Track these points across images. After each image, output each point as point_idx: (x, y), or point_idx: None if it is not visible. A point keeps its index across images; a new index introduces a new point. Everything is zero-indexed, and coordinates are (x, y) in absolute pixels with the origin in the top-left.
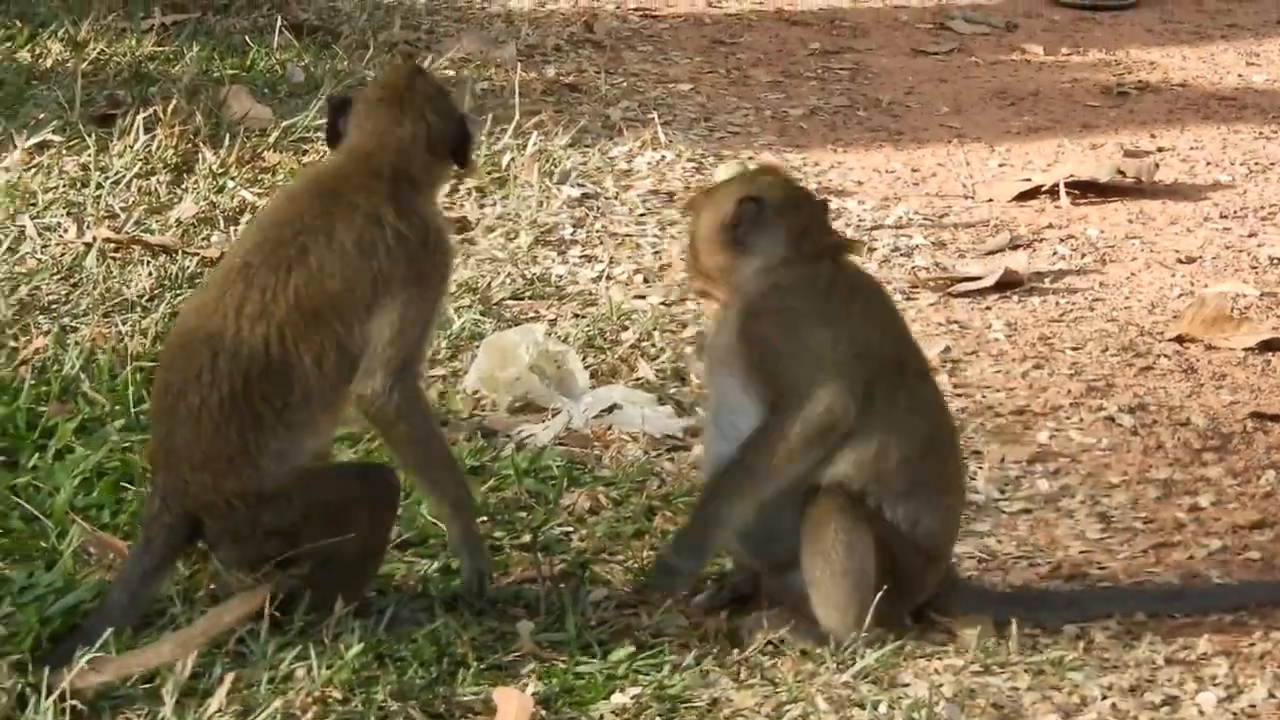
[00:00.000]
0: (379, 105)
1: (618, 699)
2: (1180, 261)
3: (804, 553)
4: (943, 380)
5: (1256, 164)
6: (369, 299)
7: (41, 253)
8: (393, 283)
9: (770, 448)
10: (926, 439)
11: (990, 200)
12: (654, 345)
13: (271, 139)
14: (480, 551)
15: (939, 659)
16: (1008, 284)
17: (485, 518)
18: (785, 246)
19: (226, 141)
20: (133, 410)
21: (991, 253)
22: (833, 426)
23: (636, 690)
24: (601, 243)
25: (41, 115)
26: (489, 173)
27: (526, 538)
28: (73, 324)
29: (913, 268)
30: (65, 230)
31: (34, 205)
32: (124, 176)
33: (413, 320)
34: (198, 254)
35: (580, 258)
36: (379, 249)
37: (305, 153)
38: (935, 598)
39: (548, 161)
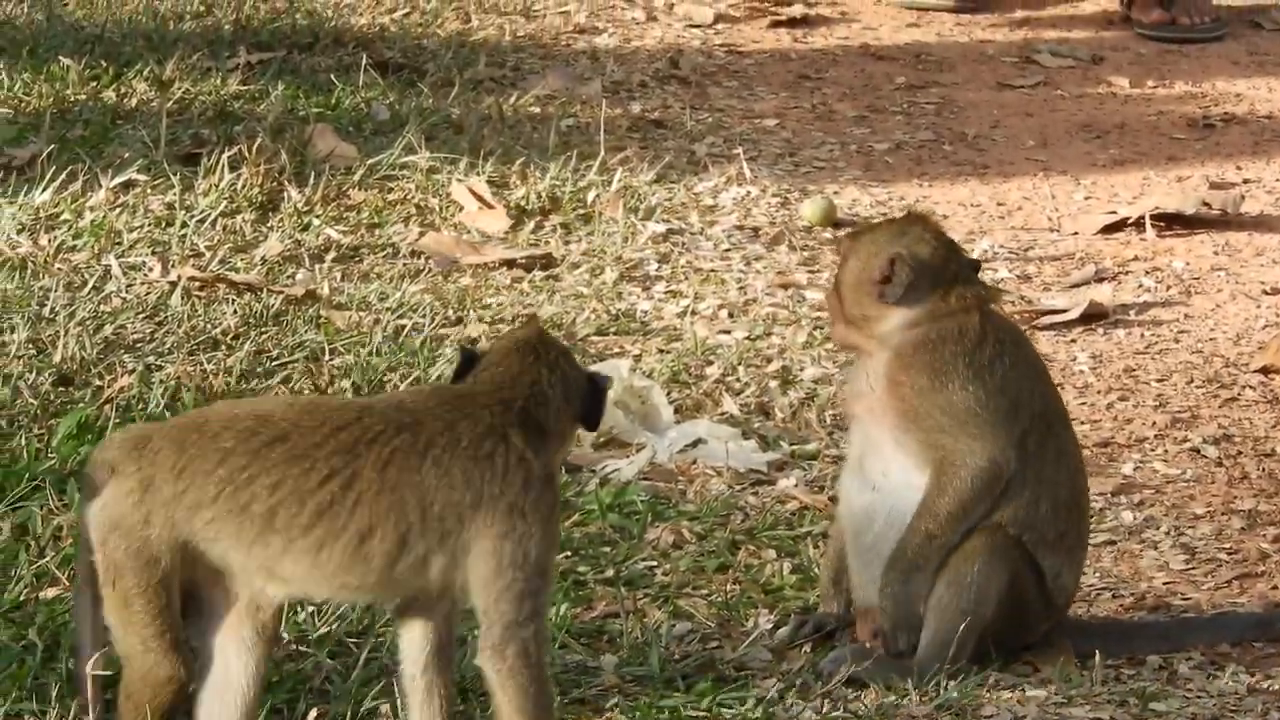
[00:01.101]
0: (512, 352)
1: None
2: (1266, 293)
3: (939, 579)
4: None
5: None
6: (468, 509)
7: (126, 292)
8: (498, 504)
9: (945, 515)
10: (1072, 490)
11: (1075, 233)
12: (738, 380)
13: (356, 177)
14: None
15: (1021, 690)
16: (1093, 316)
17: (569, 553)
18: (935, 300)
19: (311, 180)
20: None
21: (1076, 285)
22: (998, 479)
23: None
24: (686, 278)
25: (126, 154)
26: (574, 209)
27: (610, 572)
28: (157, 362)
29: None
30: (150, 269)
31: (119, 244)
32: (209, 215)
33: (518, 562)
34: (282, 292)
35: (665, 293)
36: (496, 463)
37: (390, 190)
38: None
39: (633, 197)
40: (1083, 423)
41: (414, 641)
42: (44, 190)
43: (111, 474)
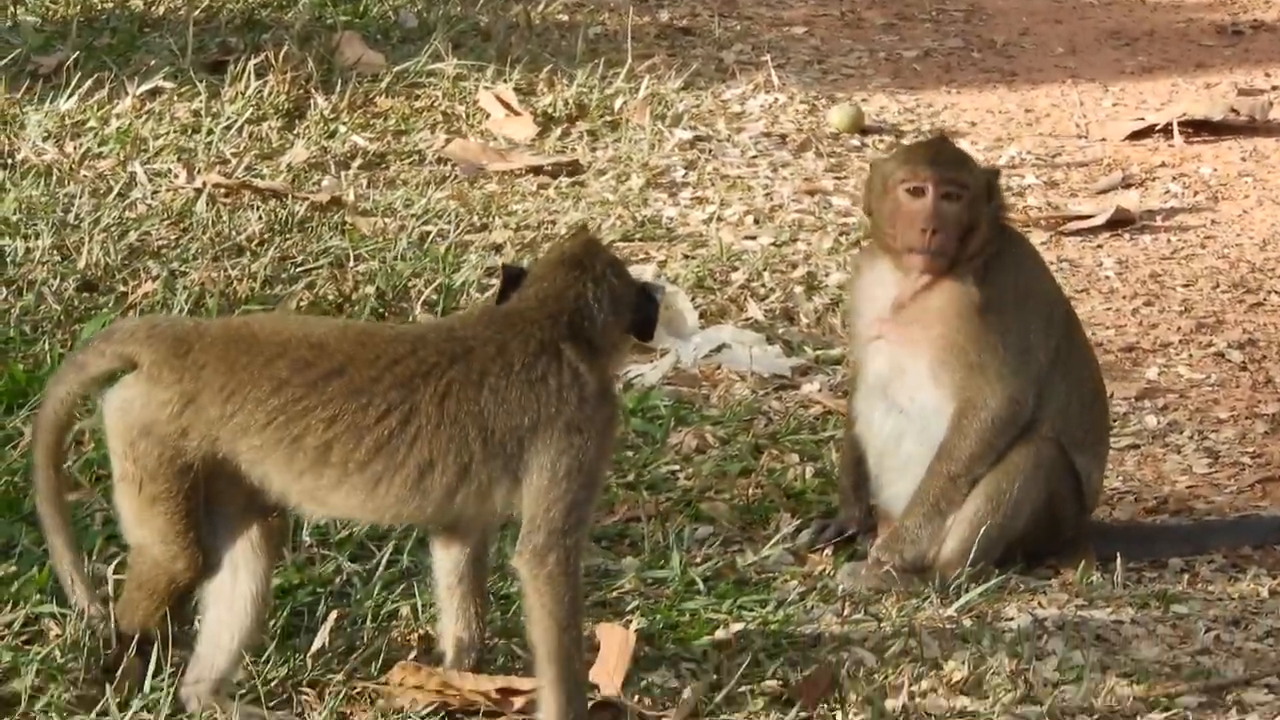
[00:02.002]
0: (558, 266)
1: (721, 635)
2: None
3: (976, 492)
4: None
5: None
6: (527, 432)
7: (151, 198)
8: (555, 423)
9: (967, 457)
10: (1094, 387)
11: (1103, 140)
12: (763, 286)
13: (383, 84)
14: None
15: (1043, 594)
16: (1119, 222)
17: None
18: (992, 217)
19: (338, 87)
20: None
21: (1103, 191)
22: (1017, 420)
23: (740, 626)
24: (712, 184)
25: (153, 62)
26: (601, 116)
27: (633, 476)
28: (182, 269)
29: (1025, 207)
30: (176, 176)
31: (144, 151)
32: (235, 122)
33: (573, 473)
34: (307, 199)
35: (691, 200)
36: (550, 382)
37: (417, 97)
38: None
39: (660, 104)
40: (1108, 328)
41: (451, 553)
42: (70, 98)
43: (135, 370)
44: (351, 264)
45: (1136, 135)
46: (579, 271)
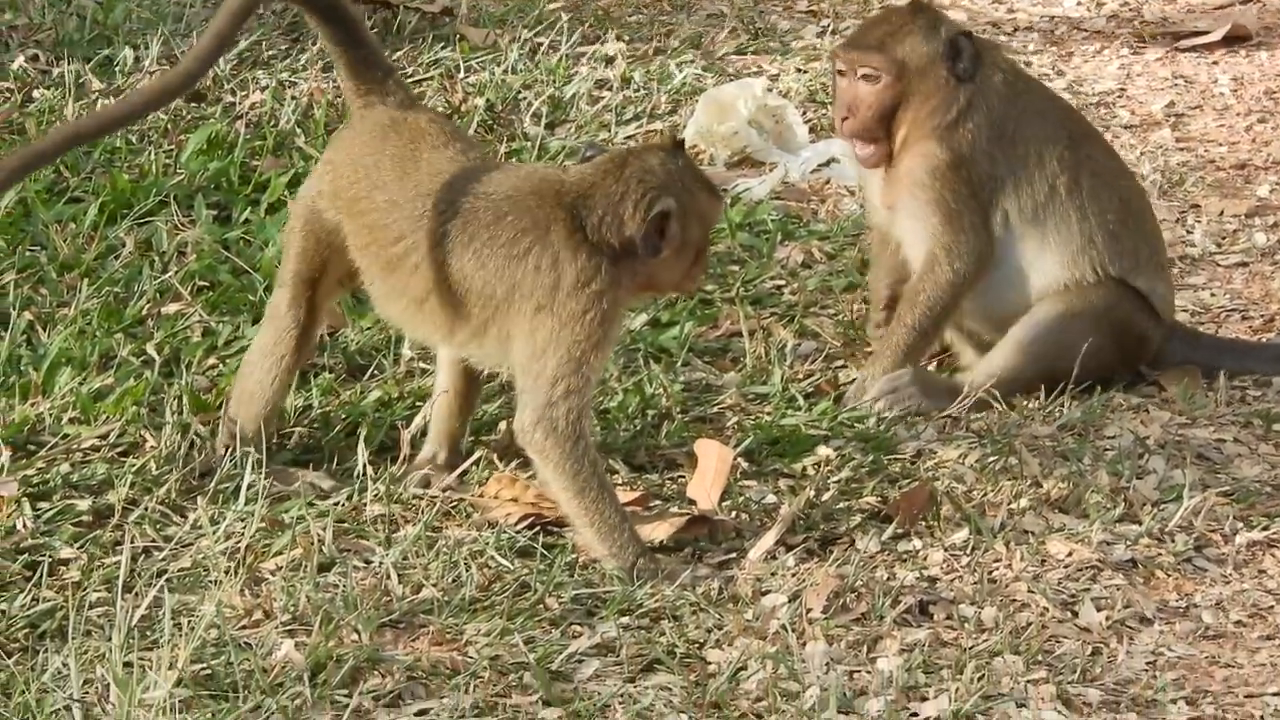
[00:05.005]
0: (612, 157)
1: (822, 451)
2: None
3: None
4: (1165, 134)
5: None
6: (502, 301)
7: (262, 9)
8: (528, 302)
9: (934, 304)
10: (1124, 210)
11: None
12: None
13: None
14: (623, 545)
15: (1145, 410)
16: (1235, 38)
17: None
18: (962, 76)
19: None
20: None
21: (1220, 7)
22: (981, 273)
23: (840, 443)
24: None
25: None
26: None
27: (737, 290)
28: (290, 79)
29: (1140, 22)
30: None
31: None
32: None
33: (549, 352)
34: (418, 9)
35: (805, 12)
36: (528, 262)
37: None
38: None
39: None
40: (1220, 145)
41: (453, 367)
42: None
43: None
44: (461, 75)
45: None
46: (616, 166)
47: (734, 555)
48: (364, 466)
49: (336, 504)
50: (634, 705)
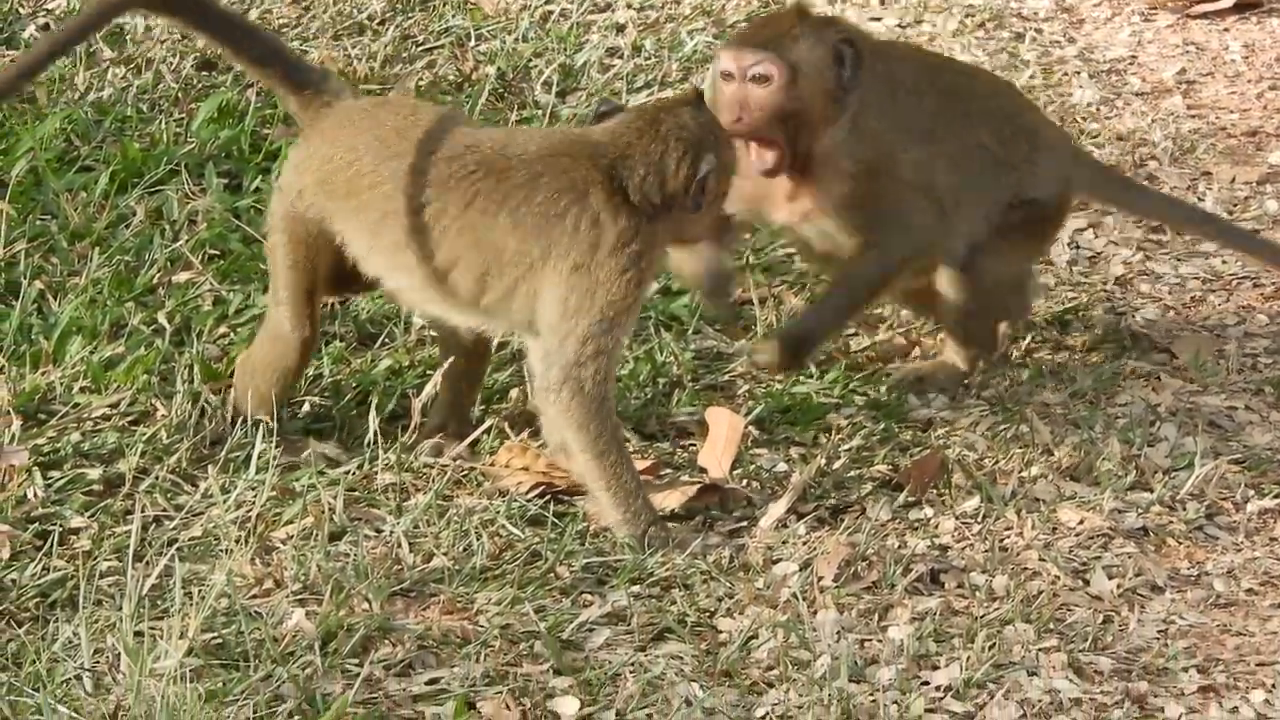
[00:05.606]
0: (642, 113)
1: (833, 418)
2: None
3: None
4: (1176, 101)
5: None
6: (538, 260)
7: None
8: (564, 261)
9: (867, 283)
10: (1004, 120)
11: None
12: None
13: None
14: (636, 512)
15: (1156, 378)
16: (1247, 5)
17: None
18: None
19: None
20: None
21: None
22: (923, 250)
23: (851, 410)
24: None
25: None
26: None
27: (748, 258)
28: (302, 47)
29: None
30: None
31: None
32: None
33: (583, 311)
34: None
35: None
36: (566, 221)
37: None
38: None
39: None
40: (1231, 111)
41: (463, 337)
42: None
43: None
44: (472, 43)
45: None
46: (649, 123)
47: (745, 523)
48: (375, 435)
49: (347, 472)
50: (645, 674)
